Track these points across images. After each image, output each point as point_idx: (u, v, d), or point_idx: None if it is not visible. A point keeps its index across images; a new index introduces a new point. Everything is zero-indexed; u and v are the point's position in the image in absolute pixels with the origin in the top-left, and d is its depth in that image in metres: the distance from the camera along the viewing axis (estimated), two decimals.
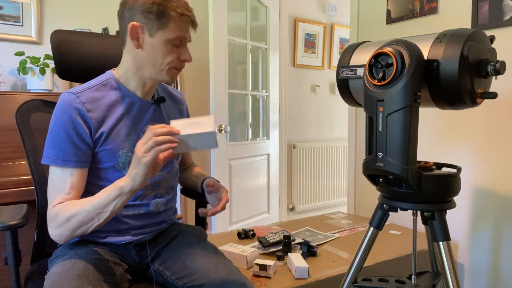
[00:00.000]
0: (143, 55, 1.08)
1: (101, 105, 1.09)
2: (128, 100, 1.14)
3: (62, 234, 1.02)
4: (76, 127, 1.05)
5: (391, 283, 1.12)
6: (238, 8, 2.99)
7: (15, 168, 1.99)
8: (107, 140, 1.09)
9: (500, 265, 1.82)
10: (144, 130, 1.15)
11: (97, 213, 0.98)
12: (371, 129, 1.01)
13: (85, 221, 0.99)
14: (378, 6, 2.32)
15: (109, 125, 1.09)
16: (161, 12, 1.04)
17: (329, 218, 2.32)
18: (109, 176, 1.11)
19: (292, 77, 3.70)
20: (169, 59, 1.08)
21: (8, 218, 1.10)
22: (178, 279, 1.13)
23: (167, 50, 1.07)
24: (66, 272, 0.97)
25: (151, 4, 1.04)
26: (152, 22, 1.05)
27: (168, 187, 1.24)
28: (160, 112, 1.21)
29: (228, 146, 2.88)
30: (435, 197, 1.01)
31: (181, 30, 1.07)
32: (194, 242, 1.22)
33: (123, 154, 1.11)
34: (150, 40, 1.06)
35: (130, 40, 1.07)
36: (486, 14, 1.79)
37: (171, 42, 1.07)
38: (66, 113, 1.05)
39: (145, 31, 1.06)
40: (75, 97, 1.07)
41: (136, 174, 0.94)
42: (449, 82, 0.93)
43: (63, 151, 1.04)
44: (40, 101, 1.32)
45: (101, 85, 1.12)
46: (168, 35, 1.06)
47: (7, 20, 2.28)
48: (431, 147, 2.07)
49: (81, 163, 1.06)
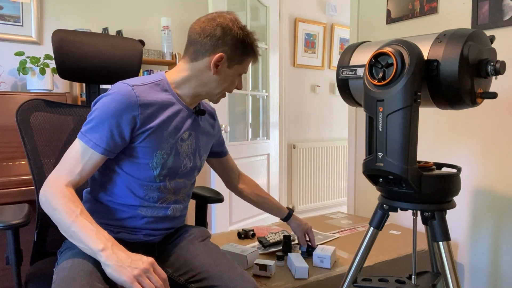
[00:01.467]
0: (213, 79, 1.15)
1: (152, 103, 1.11)
2: (176, 105, 1.16)
3: (44, 206, 1.01)
4: (120, 119, 1.05)
5: (391, 283, 1.12)
6: (238, 8, 2.99)
7: (15, 168, 1.99)
8: (149, 137, 1.10)
9: (500, 265, 1.82)
10: (181, 137, 1.18)
11: (71, 235, 0.96)
12: (371, 129, 1.01)
13: (60, 225, 0.98)
14: (378, 6, 2.32)
15: (156, 124, 1.11)
16: (247, 52, 1.16)
17: (329, 218, 2.32)
18: (139, 172, 1.12)
19: (292, 77, 3.70)
20: (230, 87, 1.20)
21: (10, 217, 1.10)
22: (180, 275, 1.16)
23: (233, 80, 1.19)
24: (77, 268, 0.98)
25: (241, 42, 1.13)
26: (235, 57, 1.14)
27: (186, 194, 1.26)
28: (198, 123, 1.25)
29: (228, 146, 2.88)
30: (435, 197, 1.01)
31: (248, 67, 1.21)
32: (196, 241, 1.25)
33: (159, 154, 1.13)
34: (226, 70, 1.15)
35: (209, 63, 1.13)
36: (486, 14, 1.79)
37: (239, 75, 1.20)
38: (118, 103, 1.05)
39: (225, 62, 1.14)
40: (130, 89, 1.07)
41: (114, 269, 0.90)
42: (449, 82, 0.93)
43: (99, 135, 1.05)
44: (40, 100, 1.32)
45: (154, 84, 1.14)
46: (242, 70, 1.18)
47: (7, 20, 2.28)
48: (431, 147, 2.07)
49: (108, 152, 1.07)
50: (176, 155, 1.17)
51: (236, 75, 1.18)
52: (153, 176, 1.13)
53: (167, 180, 1.17)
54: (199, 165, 1.27)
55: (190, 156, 1.22)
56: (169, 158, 1.15)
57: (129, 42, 1.42)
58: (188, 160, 1.21)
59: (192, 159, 1.23)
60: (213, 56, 1.12)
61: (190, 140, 1.21)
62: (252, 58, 1.18)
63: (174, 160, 1.16)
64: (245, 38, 1.13)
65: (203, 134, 1.28)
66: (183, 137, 1.18)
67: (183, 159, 1.19)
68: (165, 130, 1.13)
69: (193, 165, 1.24)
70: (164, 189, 1.17)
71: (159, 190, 1.16)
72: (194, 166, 1.24)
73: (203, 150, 1.28)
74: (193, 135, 1.22)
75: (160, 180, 1.15)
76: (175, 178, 1.19)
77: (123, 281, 0.89)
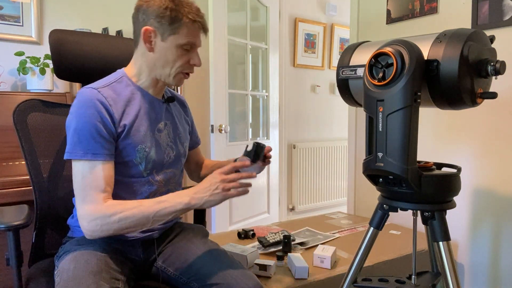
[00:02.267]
0: (155, 57, 1.12)
1: (120, 100, 1.11)
2: (143, 97, 1.16)
3: (112, 228, 1.01)
4: (103, 120, 1.06)
5: (391, 283, 1.12)
6: (238, 8, 2.99)
7: (15, 168, 1.99)
8: (128, 134, 1.11)
9: (500, 265, 1.82)
10: (158, 127, 1.18)
11: (155, 220, 1.02)
12: (371, 129, 1.01)
13: (140, 224, 1.02)
14: (378, 6, 2.32)
15: (130, 120, 1.11)
16: (174, 17, 1.07)
17: (329, 218, 2.32)
18: (124, 170, 1.12)
19: (292, 77, 3.70)
20: (179, 63, 1.12)
21: (10, 218, 1.10)
22: (182, 274, 1.15)
23: (177, 54, 1.11)
24: (81, 269, 0.98)
25: (164, 9, 1.07)
26: (164, 27, 1.08)
27: (177, 183, 1.27)
28: (170, 111, 1.25)
29: (228, 146, 2.88)
30: (435, 197, 1.01)
31: (192, 35, 1.11)
32: (196, 239, 1.25)
33: (141, 149, 1.13)
34: (162, 44, 1.10)
35: (143, 43, 1.10)
36: (486, 14, 1.79)
37: (181, 47, 1.10)
38: (92, 107, 1.05)
39: (158, 35, 1.09)
40: (96, 91, 1.08)
41: (209, 200, 1.03)
42: (449, 82, 0.93)
43: (92, 145, 1.04)
44: (37, 100, 1.31)
45: (116, 82, 1.14)
46: (179, 40, 1.09)
47: (7, 20, 2.28)
48: (431, 147, 2.07)
49: (110, 156, 1.07)
50: (158, 147, 1.17)
51: (178, 48, 1.10)
52: (140, 171, 1.14)
53: (154, 172, 1.17)
54: (183, 152, 1.27)
55: (171, 145, 1.22)
56: (151, 151, 1.15)
57: (128, 42, 1.41)
58: (170, 149, 1.22)
59: (174, 148, 1.23)
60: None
61: (167, 129, 1.22)
62: (186, 24, 1.08)
63: (157, 152, 1.16)
64: (168, 5, 1.07)
65: (179, 121, 1.28)
66: (159, 127, 1.19)
67: (164, 149, 1.19)
68: (141, 125, 1.13)
69: (177, 153, 1.24)
70: (154, 181, 1.17)
71: (149, 183, 1.16)
72: (179, 154, 1.25)
73: (183, 137, 1.28)
74: (168, 124, 1.22)
75: (148, 174, 1.15)
76: (162, 170, 1.19)
77: (220, 202, 1.03)
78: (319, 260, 1.54)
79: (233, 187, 1.02)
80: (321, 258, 1.54)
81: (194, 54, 1.14)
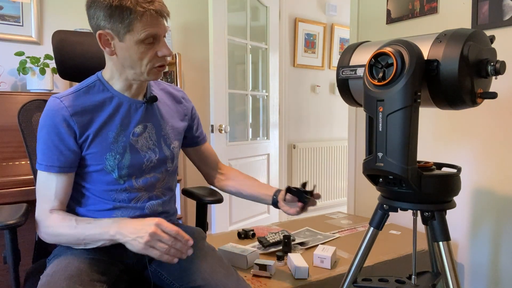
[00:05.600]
0: (120, 60, 1.05)
1: (86, 108, 1.08)
2: (116, 100, 1.12)
3: (49, 240, 1.08)
4: (59, 133, 1.05)
5: (391, 283, 1.12)
6: (238, 8, 2.99)
7: (15, 168, 1.99)
8: (93, 143, 1.08)
9: (500, 265, 1.82)
10: (133, 131, 1.13)
11: (87, 243, 1.03)
12: (371, 129, 1.01)
13: (72, 243, 1.05)
14: (378, 6, 2.32)
15: (95, 128, 1.08)
16: (122, 13, 0.97)
17: (329, 218, 2.32)
18: (99, 178, 1.11)
19: (292, 77, 3.70)
20: (146, 59, 1.04)
21: (5, 217, 1.10)
22: (175, 280, 1.12)
23: (141, 51, 1.02)
24: (59, 273, 0.98)
25: (109, 8, 0.98)
26: (117, 27, 0.99)
27: (164, 188, 1.21)
28: (153, 111, 1.18)
29: (228, 146, 2.88)
30: (435, 197, 1.01)
31: (150, 26, 1.00)
32: (193, 246, 1.20)
33: (110, 157, 1.09)
34: (121, 45, 1.02)
35: (103, 47, 1.05)
36: (486, 14, 1.79)
37: (143, 42, 1.01)
38: (50, 119, 1.05)
39: (114, 37, 1.02)
40: (59, 101, 1.06)
41: (131, 244, 0.97)
42: (449, 82, 0.93)
43: (46, 156, 1.06)
44: (42, 101, 1.33)
45: (88, 88, 1.11)
46: (137, 36, 1.00)
47: (7, 20, 2.28)
48: (431, 147, 2.07)
49: (64, 168, 1.07)
50: (133, 152, 1.12)
51: (139, 45, 1.01)
52: (114, 179, 1.10)
53: (133, 179, 1.13)
54: (169, 154, 1.19)
55: (153, 148, 1.15)
56: (124, 157, 1.10)
57: None
58: (152, 152, 1.15)
59: (157, 151, 1.16)
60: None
61: (148, 132, 1.15)
62: (137, 17, 0.98)
63: (132, 157, 1.11)
64: (111, 2, 0.97)
65: (165, 121, 1.20)
66: (135, 131, 1.12)
67: (144, 153, 1.14)
68: (109, 131, 1.09)
69: (161, 156, 1.17)
70: (131, 189, 1.13)
71: (126, 191, 1.12)
72: (163, 157, 1.18)
73: (171, 138, 1.20)
74: (149, 126, 1.15)
75: (125, 181, 1.11)
76: (143, 175, 1.14)
77: (140, 252, 0.95)
78: (319, 260, 1.54)
79: (159, 248, 0.94)
80: (321, 258, 1.54)
81: (161, 45, 1.04)
